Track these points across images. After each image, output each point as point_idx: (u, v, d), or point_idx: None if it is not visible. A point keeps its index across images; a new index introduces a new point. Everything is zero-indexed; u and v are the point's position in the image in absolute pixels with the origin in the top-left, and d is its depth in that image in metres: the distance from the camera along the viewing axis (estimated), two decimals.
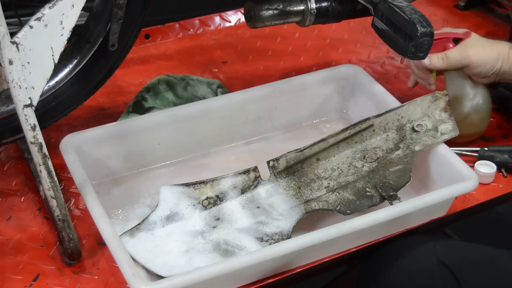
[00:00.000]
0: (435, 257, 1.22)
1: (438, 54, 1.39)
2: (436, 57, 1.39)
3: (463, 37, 1.40)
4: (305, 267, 1.24)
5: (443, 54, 1.39)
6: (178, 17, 1.93)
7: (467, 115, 1.45)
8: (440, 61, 1.39)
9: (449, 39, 1.40)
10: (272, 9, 1.47)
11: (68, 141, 1.34)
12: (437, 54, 1.39)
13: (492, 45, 1.38)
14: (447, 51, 1.39)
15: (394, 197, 1.30)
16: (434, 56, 1.39)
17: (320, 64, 1.79)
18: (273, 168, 1.33)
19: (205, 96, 1.62)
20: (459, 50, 1.38)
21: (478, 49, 1.37)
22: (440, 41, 1.39)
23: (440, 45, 1.40)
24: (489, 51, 1.37)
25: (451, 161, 1.32)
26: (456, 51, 1.38)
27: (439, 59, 1.39)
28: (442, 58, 1.39)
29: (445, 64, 1.39)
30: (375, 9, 1.42)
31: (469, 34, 1.39)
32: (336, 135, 1.36)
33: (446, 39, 1.40)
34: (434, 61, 1.39)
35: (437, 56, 1.39)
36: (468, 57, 1.37)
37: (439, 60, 1.39)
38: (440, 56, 1.39)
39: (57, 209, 1.21)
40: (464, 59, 1.38)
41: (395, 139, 1.38)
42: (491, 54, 1.37)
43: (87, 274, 1.25)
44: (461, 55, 1.37)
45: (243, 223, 1.29)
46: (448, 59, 1.38)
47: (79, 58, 1.41)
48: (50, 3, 1.15)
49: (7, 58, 1.11)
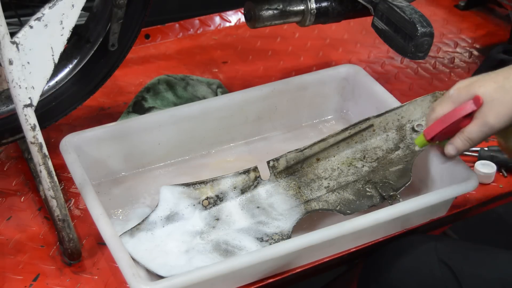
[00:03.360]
0: (436, 257, 1.22)
1: (460, 136, 1.16)
2: (460, 141, 1.17)
3: (474, 108, 1.14)
4: (305, 267, 1.24)
5: (465, 136, 1.16)
6: (178, 17, 1.93)
7: None
8: (466, 144, 1.17)
9: (460, 118, 1.15)
10: (272, 9, 1.47)
11: (68, 141, 1.34)
12: (459, 136, 1.17)
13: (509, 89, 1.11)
14: (466, 131, 1.16)
15: (394, 197, 1.30)
16: (457, 140, 1.17)
17: (320, 64, 1.79)
18: (273, 168, 1.33)
19: (205, 96, 1.62)
20: (478, 125, 1.14)
21: (497, 110, 1.12)
22: (452, 125, 1.16)
23: (454, 127, 1.17)
24: (510, 101, 1.11)
25: (451, 161, 1.32)
26: (476, 127, 1.14)
27: (463, 142, 1.17)
28: (466, 140, 1.16)
29: (471, 146, 1.17)
30: (375, 9, 1.42)
31: (479, 100, 1.13)
32: (336, 135, 1.36)
33: (456, 121, 1.16)
34: (459, 147, 1.18)
35: (460, 138, 1.17)
36: (492, 127, 1.13)
37: (465, 143, 1.17)
38: (463, 138, 1.16)
39: (57, 209, 1.21)
40: (488, 132, 1.14)
41: (395, 139, 1.38)
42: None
43: (87, 274, 1.25)
44: (482, 129, 1.14)
45: (243, 223, 1.29)
46: (471, 140, 1.16)
47: (79, 58, 1.41)
48: (50, 3, 1.15)
49: (7, 58, 1.11)
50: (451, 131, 1.16)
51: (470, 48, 1.88)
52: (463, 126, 1.15)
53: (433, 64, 1.82)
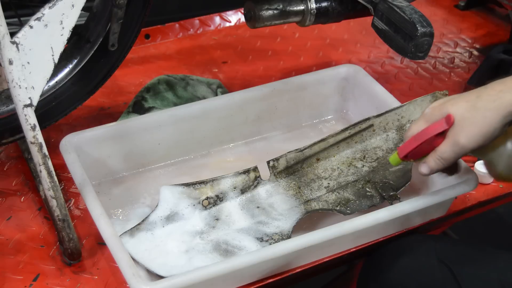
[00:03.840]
0: (435, 257, 1.22)
1: (433, 155, 1.13)
2: (433, 160, 1.14)
3: (446, 127, 1.10)
4: (305, 267, 1.24)
5: (437, 155, 1.13)
6: (178, 17, 1.93)
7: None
8: (439, 164, 1.13)
9: (432, 138, 1.12)
10: (272, 9, 1.47)
11: (68, 141, 1.34)
12: (431, 156, 1.14)
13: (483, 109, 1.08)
14: (438, 150, 1.13)
15: (394, 197, 1.30)
16: (431, 160, 1.14)
17: (320, 64, 1.79)
18: (273, 168, 1.33)
19: (205, 96, 1.62)
20: (449, 145, 1.11)
21: (468, 130, 1.09)
22: (425, 143, 1.13)
23: (427, 145, 1.14)
24: (481, 121, 1.08)
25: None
26: (447, 147, 1.11)
27: (435, 161, 1.13)
28: (438, 159, 1.13)
29: (444, 165, 1.14)
30: (375, 9, 1.42)
31: (451, 119, 1.10)
32: (336, 135, 1.36)
33: (428, 140, 1.13)
34: (432, 166, 1.14)
35: (433, 158, 1.13)
36: (463, 147, 1.10)
37: (437, 163, 1.13)
38: (436, 158, 1.13)
39: (57, 209, 1.21)
40: (459, 152, 1.11)
41: (395, 139, 1.38)
42: (486, 122, 1.08)
43: (87, 274, 1.25)
44: (453, 149, 1.11)
45: (243, 223, 1.29)
46: (444, 159, 1.13)
47: (79, 58, 1.41)
48: (50, 3, 1.15)
49: (7, 58, 1.11)
50: (425, 149, 1.14)
51: (470, 48, 1.88)
52: (436, 145, 1.13)
53: (433, 64, 1.82)
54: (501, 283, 1.18)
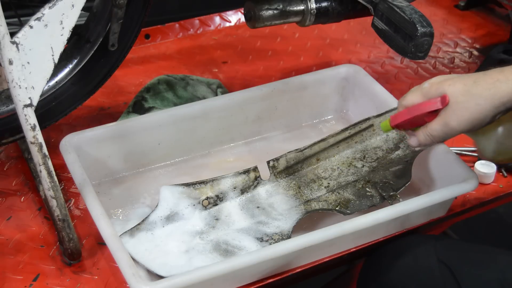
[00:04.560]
0: (435, 257, 1.22)
1: (423, 130, 1.15)
2: (422, 135, 1.15)
3: (440, 106, 1.11)
4: (305, 267, 1.24)
5: (427, 131, 1.14)
6: (178, 17, 1.93)
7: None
8: (427, 139, 1.15)
9: (425, 113, 1.13)
10: (272, 9, 1.47)
11: (68, 141, 1.34)
12: (422, 130, 1.15)
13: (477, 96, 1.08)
14: (429, 126, 1.14)
15: (394, 197, 1.30)
16: (420, 135, 1.15)
17: (320, 64, 1.79)
18: (273, 168, 1.33)
19: (205, 96, 1.62)
20: (440, 125, 1.12)
21: (459, 114, 1.09)
22: (417, 117, 1.14)
23: (419, 119, 1.15)
24: (473, 107, 1.08)
25: (451, 161, 1.32)
26: (438, 126, 1.12)
27: (425, 137, 1.15)
28: (428, 136, 1.14)
29: (433, 142, 1.16)
30: (375, 9, 1.42)
31: (446, 99, 1.10)
32: (336, 135, 1.36)
33: (421, 115, 1.14)
34: (421, 140, 1.15)
35: (422, 132, 1.15)
36: (452, 129, 1.11)
37: (426, 138, 1.15)
38: (426, 133, 1.14)
39: (57, 209, 1.21)
40: (449, 133, 1.12)
41: (395, 139, 1.38)
42: (478, 109, 1.08)
43: (87, 274, 1.25)
44: (443, 129, 1.12)
45: (243, 223, 1.29)
46: (433, 137, 1.14)
47: (79, 58, 1.41)
48: (50, 3, 1.15)
49: (7, 58, 1.11)
50: (416, 122, 1.15)
51: (470, 48, 1.88)
52: (428, 120, 1.14)
53: (433, 64, 1.82)
54: (501, 283, 1.18)
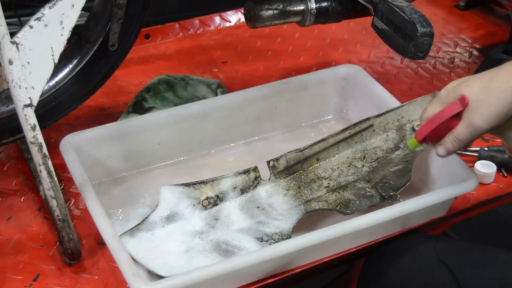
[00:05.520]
0: (435, 257, 1.22)
1: (449, 137, 1.14)
2: (449, 142, 1.15)
3: (461, 108, 1.12)
4: (305, 267, 1.24)
5: (453, 137, 1.14)
6: (178, 17, 1.93)
7: None
8: (455, 145, 1.14)
9: (448, 119, 1.13)
10: (272, 9, 1.47)
11: (68, 141, 1.34)
12: (448, 137, 1.15)
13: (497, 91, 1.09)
14: (455, 131, 1.14)
15: (394, 197, 1.30)
16: (447, 142, 1.15)
17: (320, 64, 1.79)
18: (273, 168, 1.33)
19: (205, 96, 1.62)
20: (465, 127, 1.12)
21: (482, 111, 1.10)
22: (441, 125, 1.14)
23: (444, 127, 1.15)
24: (495, 102, 1.09)
25: (451, 161, 1.32)
26: (463, 129, 1.12)
27: (452, 143, 1.14)
28: (455, 141, 1.14)
29: (461, 146, 1.15)
30: (375, 9, 1.42)
31: (465, 100, 1.11)
32: (336, 135, 1.36)
33: (445, 122, 1.14)
34: (449, 147, 1.15)
35: (449, 139, 1.14)
36: (478, 128, 1.11)
37: (454, 144, 1.14)
38: (452, 139, 1.14)
39: (57, 209, 1.21)
40: (475, 133, 1.12)
41: (395, 139, 1.38)
42: (500, 103, 1.09)
43: (87, 274, 1.25)
44: (469, 131, 1.12)
45: (243, 223, 1.29)
46: (460, 141, 1.13)
47: (79, 58, 1.41)
48: (50, 3, 1.15)
49: (7, 58, 1.11)
50: (442, 131, 1.15)
51: (470, 48, 1.88)
52: (452, 126, 1.14)
53: (433, 64, 1.82)
54: (501, 283, 1.18)
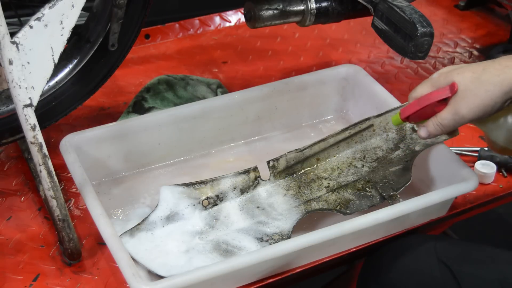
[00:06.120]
0: (435, 257, 1.22)
1: (433, 120, 1.15)
2: (432, 125, 1.15)
3: (449, 94, 1.12)
4: (305, 267, 1.24)
5: (437, 121, 1.15)
6: (178, 17, 1.93)
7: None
8: (437, 129, 1.15)
9: (434, 103, 1.14)
10: (272, 9, 1.47)
11: (68, 141, 1.34)
12: (431, 120, 1.15)
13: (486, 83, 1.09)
14: (439, 116, 1.14)
15: (394, 197, 1.30)
16: (430, 125, 1.15)
17: (320, 64, 1.79)
18: (273, 168, 1.33)
19: (205, 96, 1.62)
20: (450, 113, 1.13)
21: (469, 101, 1.10)
22: (427, 107, 1.15)
23: (429, 110, 1.15)
24: (483, 94, 1.09)
25: (451, 161, 1.32)
26: (448, 115, 1.13)
27: (435, 126, 1.15)
28: (438, 125, 1.15)
29: (443, 131, 1.16)
30: (375, 9, 1.42)
31: (454, 87, 1.11)
32: (336, 135, 1.36)
33: (431, 105, 1.14)
34: (431, 131, 1.16)
35: (432, 122, 1.15)
36: (463, 117, 1.12)
37: (436, 128, 1.15)
38: (436, 123, 1.15)
39: (57, 209, 1.21)
40: (459, 121, 1.13)
41: (395, 139, 1.38)
42: (488, 95, 1.09)
43: (87, 274, 1.25)
44: (453, 118, 1.12)
45: (243, 223, 1.29)
46: (443, 126, 1.14)
47: (79, 58, 1.41)
48: (50, 3, 1.15)
49: (7, 58, 1.11)
50: (427, 113, 1.16)
51: (470, 48, 1.88)
52: (438, 110, 1.15)
53: (433, 64, 1.82)
54: (501, 283, 1.18)
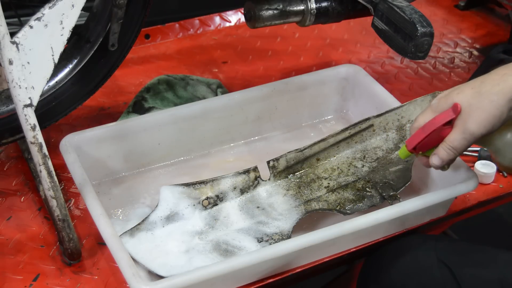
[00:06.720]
0: (435, 257, 1.22)
1: (443, 146, 1.12)
2: (443, 150, 1.12)
3: (453, 115, 1.11)
4: (305, 267, 1.24)
5: (447, 145, 1.12)
6: (178, 17, 1.93)
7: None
8: (450, 153, 1.12)
9: (439, 127, 1.12)
10: (272, 9, 1.47)
11: (68, 141, 1.34)
12: (442, 146, 1.13)
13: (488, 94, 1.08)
14: (448, 139, 1.12)
15: (394, 197, 1.30)
16: (441, 151, 1.13)
17: (320, 64, 1.79)
18: (273, 168, 1.33)
19: (205, 96, 1.62)
20: (459, 133, 1.11)
21: (476, 115, 1.09)
22: (433, 133, 1.13)
23: (435, 136, 1.13)
24: (488, 105, 1.08)
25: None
26: (457, 135, 1.11)
27: (447, 151, 1.12)
28: (449, 149, 1.12)
29: (456, 155, 1.13)
30: (375, 9, 1.42)
31: (457, 107, 1.10)
32: (336, 135, 1.36)
33: (436, 130, 1.12)
34: (443, 157, 1.13)
35: (443, 148, 1.12)
36: (473, 133, 1.09)
37: (448, 152, 1.12)
38: (446, 147, 1.12)
39: (57, 209, 1.21)
40: (470, 139, 1.10)
41: (395, 139, 1.38)
42: (493, 106, 1.08)
43: (87, 274, 1.25)
44: (463, 137, 1.10)
45: (243, 223, 1.29)
46: (454, 148, 1.11)
47: (79, 58, 1.41)
48: (50, 3, 1.15)
49: (7, 58, 1.11)
50: (434, 140, 1.14)
51: (470, 48, 1.88)
52: (444, 135, 1.13)
53: (433, 64, 1.82)
54: (501, 283, 1.18)
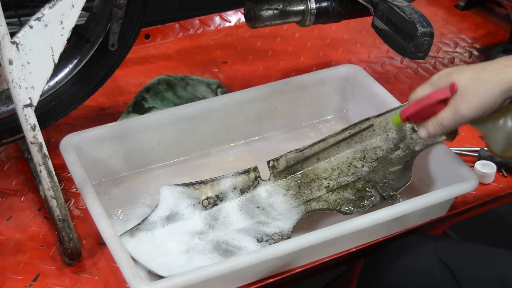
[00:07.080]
0: (435, 257, 1.22)
1: (433, 120, 1.16)
2: (432, 125, 1.16)
3: (449, 94, 1.13)
4: (305, 267, 1.24)
5: (437, 121, 1.15)
6: (178, 17, 1.93)
7: None
8: (437, 129, 1.16)
9: (434, 103, 1.15)
10: (272, 9, 1.47)
11: (68, 141, 1.34)
12: (431, 121, 1.16)
13: (486, 82, 1.11)
14: (439, 116, 1.15)
15: (394, 197, 1.30)
16: (430, 125, 1.16)
17: (320, 64, 1.79)
18: (273, 168, 1.33)
19: (205, 96, 1.62)
20: (450, 113, 1.14)
21: (469, 100, 1.11)
22: (427, 107, 1.16)
23: (429, 110, 1.16)
24: (482, 92, 1.11)
25: (451, 161, 1.32)
26: (448, 114, 1.14)
27: (435, 126, 1.16)
28: (438, 125, 1.16)
29: (443, 132, 1.17)
30: (375, 9, 1.42)
31: (454, 87, 1.12)
32: (336, 135, 1.36)
33: (431, 105, 1.15)
34: (430, 131, 1.17)
35: (432, 122, 1.16)
36: (463, 116, 1.13)
37: (436, 128, 1.16)
38: (435, 123, 1.16)
39: (57, 209, 1.22)
40: (459, 120, 1.14)
41: (395, 139, 1.38)
42: (487, 94, 1.10)
43: (87, 274, 1.25)
44: (453, 117, 1.13)
45: (243, 223, 1.29)
46: (442, 126, 1.15)
47: (79, 58, 1.41)
48: (50, 3, 1.15)
49: (7, 58, 1.11)
50: (426, 114, 1.17)
51: (470, 48, 1.88)
52: (438, 110, 1.15)
53: (433, 64, 1.82)
54: (501, 283, 1.18)
